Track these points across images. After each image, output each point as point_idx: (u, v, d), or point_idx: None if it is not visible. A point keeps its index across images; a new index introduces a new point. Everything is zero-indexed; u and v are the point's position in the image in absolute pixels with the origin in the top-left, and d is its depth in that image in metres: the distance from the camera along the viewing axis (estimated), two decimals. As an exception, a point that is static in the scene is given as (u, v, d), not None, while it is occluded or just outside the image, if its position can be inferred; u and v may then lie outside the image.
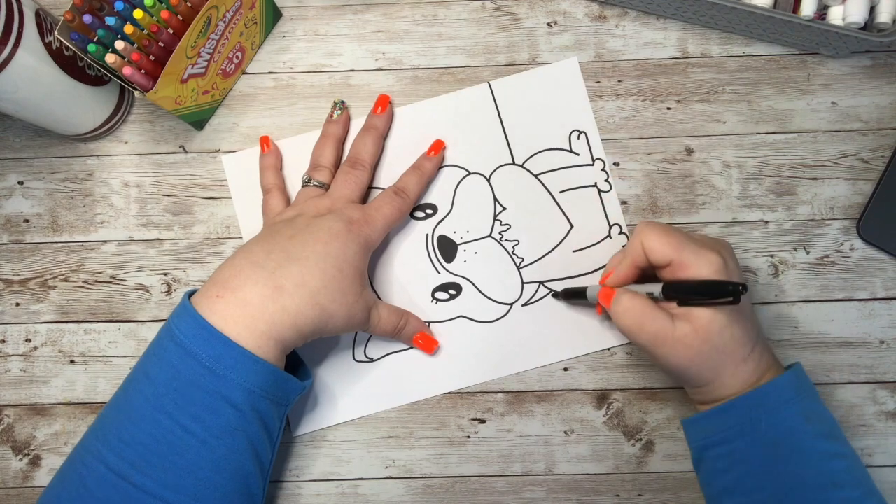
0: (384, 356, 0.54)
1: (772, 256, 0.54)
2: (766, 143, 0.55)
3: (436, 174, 0.55)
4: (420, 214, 0.55)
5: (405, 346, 0.54)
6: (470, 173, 0.55)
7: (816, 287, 0.54)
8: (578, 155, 0.55)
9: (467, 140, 0.56)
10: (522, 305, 0.54)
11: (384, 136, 0.55)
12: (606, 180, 0.55)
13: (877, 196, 0.54)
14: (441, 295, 0.54)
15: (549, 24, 0.57)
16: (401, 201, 0.51)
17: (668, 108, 0.56)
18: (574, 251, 0.55)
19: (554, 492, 0.53)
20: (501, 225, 0.55)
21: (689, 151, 0.55)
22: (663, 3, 0.54)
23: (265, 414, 0.45)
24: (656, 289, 0.45)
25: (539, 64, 0.56)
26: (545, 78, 0.56)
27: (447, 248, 0.55)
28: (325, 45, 0.57)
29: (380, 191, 0.55)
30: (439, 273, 0.55)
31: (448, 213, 0.55)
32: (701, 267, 0.43)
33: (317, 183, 0.52)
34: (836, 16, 0.53)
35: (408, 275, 0.55)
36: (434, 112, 0.56)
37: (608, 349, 0.54)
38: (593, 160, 0.55)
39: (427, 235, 0.55)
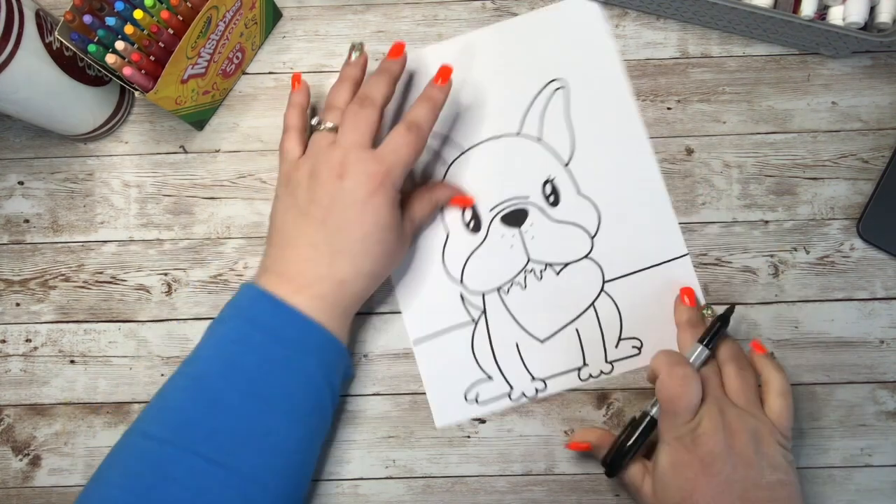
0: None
1: (772, 256, 0.54)
2: (766, 143, 0.55)
3: (444, 103, 0.51)
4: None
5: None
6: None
7: (816, 287, 0.54)
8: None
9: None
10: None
11: (397, 80, 0.52)
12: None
13: (877, 196, 0.54)
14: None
15: (549, 24, 0.57)
16: (415, 137, 0.48)
17: (669, 108, 0.56)
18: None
19: (554, 492, 0.53)
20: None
21: (689, 151, 0.55)
22: (663, 3, 0.54)
23: (335, 393, 0.49)
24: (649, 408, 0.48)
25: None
26: None
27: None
28: (325, 45, 0.57)
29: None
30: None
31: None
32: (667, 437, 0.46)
33: (329, 126, 0.49)
34: (836, 16, 0.53)
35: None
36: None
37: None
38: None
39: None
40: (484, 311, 0.54)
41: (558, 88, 0.55)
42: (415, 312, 0.54)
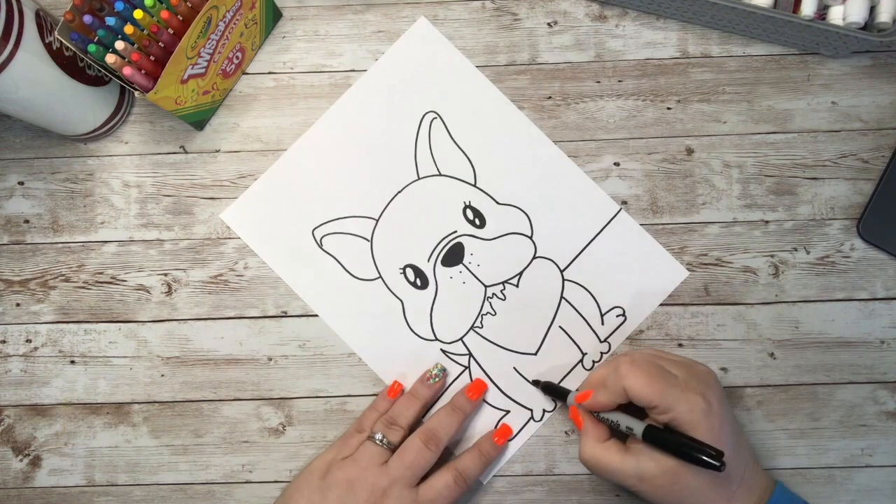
0: None
1: (772, 256, 0.54)
2: (766, 143, 0.55)
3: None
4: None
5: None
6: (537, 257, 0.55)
7: (817, 287, 0.54)
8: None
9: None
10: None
11: (466, 418, 0.52)
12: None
13: (877, 196, 0.54)
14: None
15: (549, 24, 0.57)
16: (460, 490, 0.49)
17: (669, 108, 0.56)
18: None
19: (554, 492, 0.53)
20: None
21: (690, 151, 0.55)
22: (663, 3, 0.54)
23: None
24: (637, 427, 0.45)
25: (539, 64, 0.56)
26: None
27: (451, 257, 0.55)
28: (325, 45, 0.57)
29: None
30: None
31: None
32: (683, 412, 0.43)
33: (387, 444, 0.49)
34: (836, 16, 0.53)
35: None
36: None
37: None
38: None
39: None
40: (470, 353, 0.54)
41: (433, 119, 0.55)
42: (408, 383, 0.54)
